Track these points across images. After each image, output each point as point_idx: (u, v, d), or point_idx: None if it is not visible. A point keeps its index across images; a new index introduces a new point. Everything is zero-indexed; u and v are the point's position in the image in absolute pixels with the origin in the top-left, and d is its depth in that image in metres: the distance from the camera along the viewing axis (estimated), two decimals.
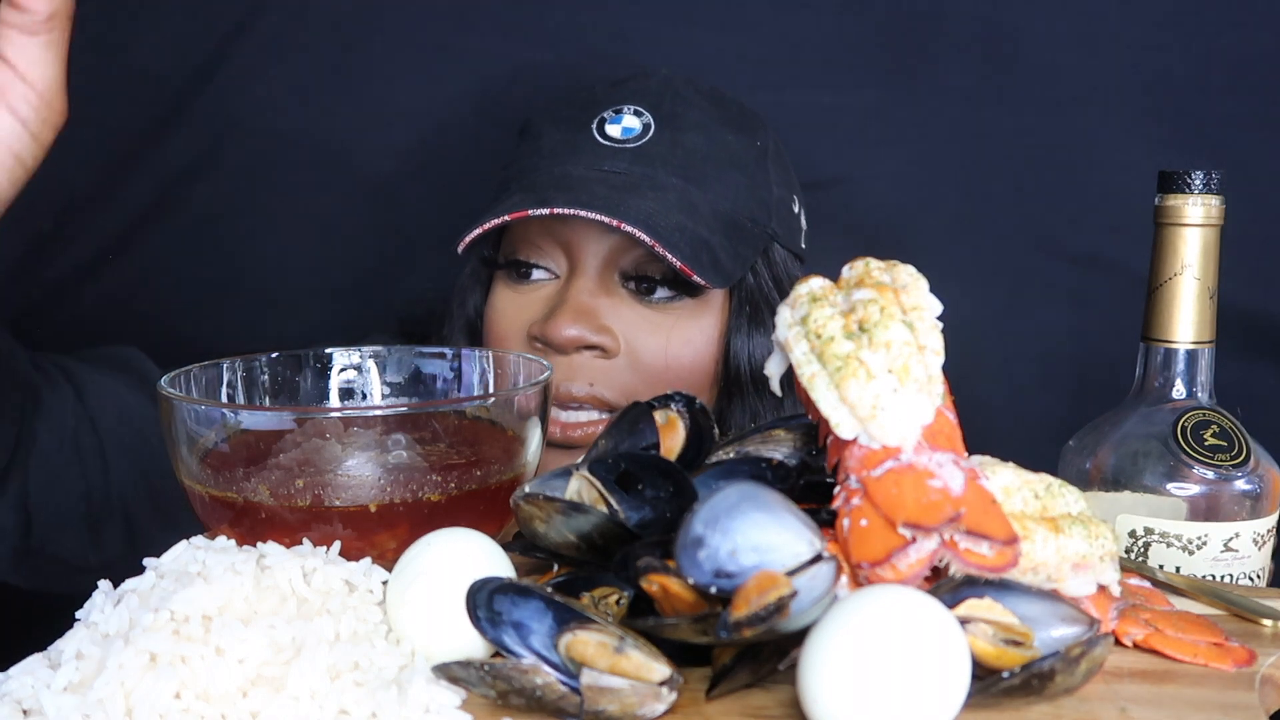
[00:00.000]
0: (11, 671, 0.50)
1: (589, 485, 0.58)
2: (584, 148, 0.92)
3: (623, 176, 0.90)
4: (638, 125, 0.92)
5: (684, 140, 0.93)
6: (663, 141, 0.92)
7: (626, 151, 0.92)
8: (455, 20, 1.19)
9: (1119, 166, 1.12)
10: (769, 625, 0.45)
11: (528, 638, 0.50)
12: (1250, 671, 0.53)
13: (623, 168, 0.91)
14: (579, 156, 0.92)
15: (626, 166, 0.91)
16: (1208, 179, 0.71)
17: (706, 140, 0.93)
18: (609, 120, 0.93)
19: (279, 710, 0.48)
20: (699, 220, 0.90)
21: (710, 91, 0.98)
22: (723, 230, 0.91)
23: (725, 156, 0.94)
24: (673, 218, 0.88)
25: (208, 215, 1.22)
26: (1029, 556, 0.51)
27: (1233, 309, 0.78)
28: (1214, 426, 0.72)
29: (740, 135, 0.96)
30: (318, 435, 0.63)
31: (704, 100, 0.96)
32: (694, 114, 0.94)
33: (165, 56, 1.20)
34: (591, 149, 0.92)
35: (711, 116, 0.95)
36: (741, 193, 0.94)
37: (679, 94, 0.95)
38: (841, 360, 0.54)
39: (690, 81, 0.98)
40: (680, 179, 0.91)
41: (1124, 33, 1.13)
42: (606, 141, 0.92)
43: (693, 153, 0.93)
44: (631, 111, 0.93)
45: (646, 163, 0.91)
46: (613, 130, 0.92)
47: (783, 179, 0.99)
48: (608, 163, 0.91)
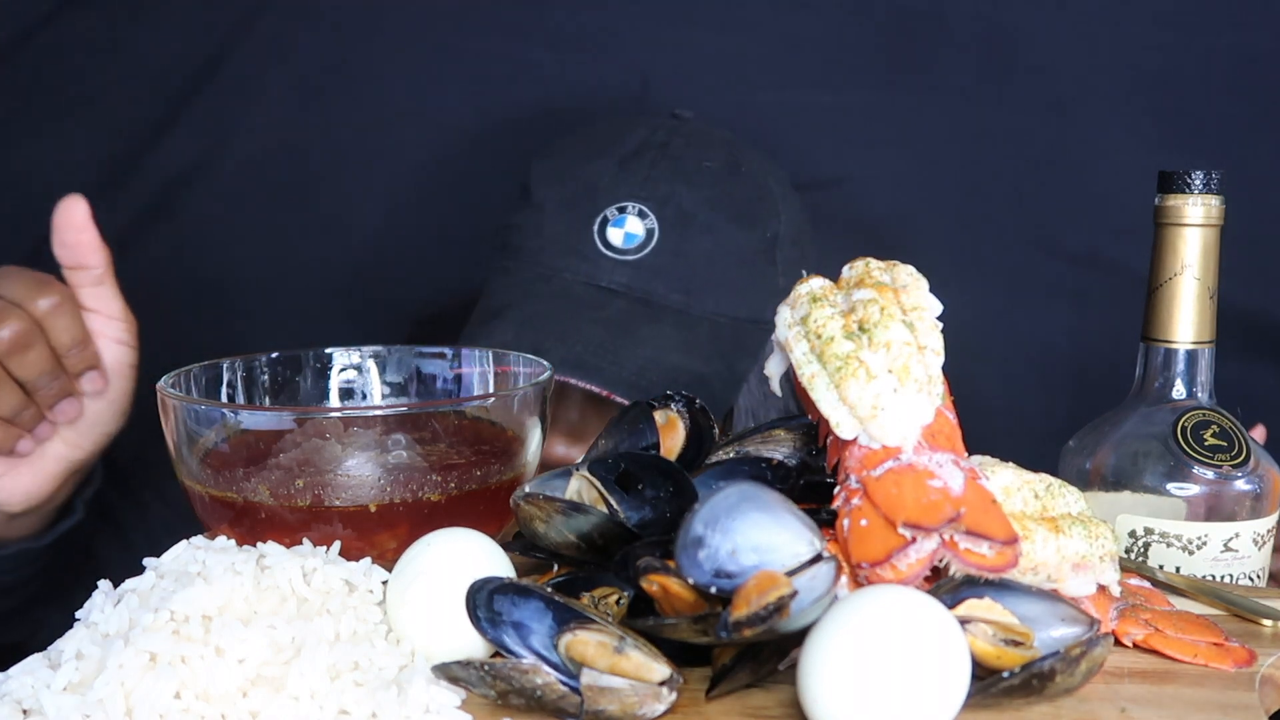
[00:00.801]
0: (11, 671, 0.50)
1: (589, 485, 0.58)
2: (585, 254, 0.90)
3: (620, 304, 0.89)
4: (641, 232, 0.90)
5: (689, 248, 0.90)
6: (665, 250, 0.90)
7: (627, 266, 0.90)
8: (455, 20, 1.19)
9: (1119, 166, 1.12)
10: (769, 625, 0.45)
11: (528, 638, 0.50)
12: (1250, 671, 0.53)
13: (623, 284, 0.89)
14: (579, 265, 0.90)
15: (627, 283, 0.89)
16: (1208, 179, 0.70)
17: (714, 244, 0.91)
18: (612, 222, 0.90)
19: (279, 710, 0.48)
20: (695, 352, 0.88)
21: (727, 161, 0.94)
22: (720, 352, 0.90)
23: (732, 259, 0.91)
24: (668, 360, 0.87)
25: (208, 215, 1.22)
26: (1029, 556, 0.51)
27: (1233, 309, 0.78)
28: (1214, 426, 0.72)
29: (750, 230, 0.93)
30: (318, 435, 0.63)
31: (717, 185, 0.92)
32: (703, 213, 0.91)
33: (165, 56, 1.19)
34: (591, 258, 0.90)
35: (721, 210, 0.92)
36: (745, 295, 0.92)
37: (689, 177, 0.92)
38: (841, 360, 0.54)
39: (705, 142, 0.95)
40: (681, 294, 0.90)
41: (1124, 33, 1.13)
42: (607, 251, 0.90)
43: (696, 263, 0.90)
44: (635, 212, 0.90)
45: (648, 277, 0.89)
46: (614, 236, 0.90)
47: (791, 261, 0.95)
48: (605, 277, 0.89)
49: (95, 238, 0.77)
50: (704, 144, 0.95)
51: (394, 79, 1.20)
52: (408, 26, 1.19)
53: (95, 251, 0.78)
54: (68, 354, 0.78)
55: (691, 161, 0.93)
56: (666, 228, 0.90)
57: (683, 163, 0.92)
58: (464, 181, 1.15)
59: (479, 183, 1.20)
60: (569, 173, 0.94)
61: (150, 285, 1.23)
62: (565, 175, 0.94)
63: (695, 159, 0.93)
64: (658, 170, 0.92)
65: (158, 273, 1.22)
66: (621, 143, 0.94)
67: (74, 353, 0.78)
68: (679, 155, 0.93)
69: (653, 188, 0.91)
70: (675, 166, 0.92)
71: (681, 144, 0.94)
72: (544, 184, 0.95)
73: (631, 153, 0.93)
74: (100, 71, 1.18)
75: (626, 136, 0.95)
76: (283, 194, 1.22)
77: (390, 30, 1.19)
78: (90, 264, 0.78)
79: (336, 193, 1.23)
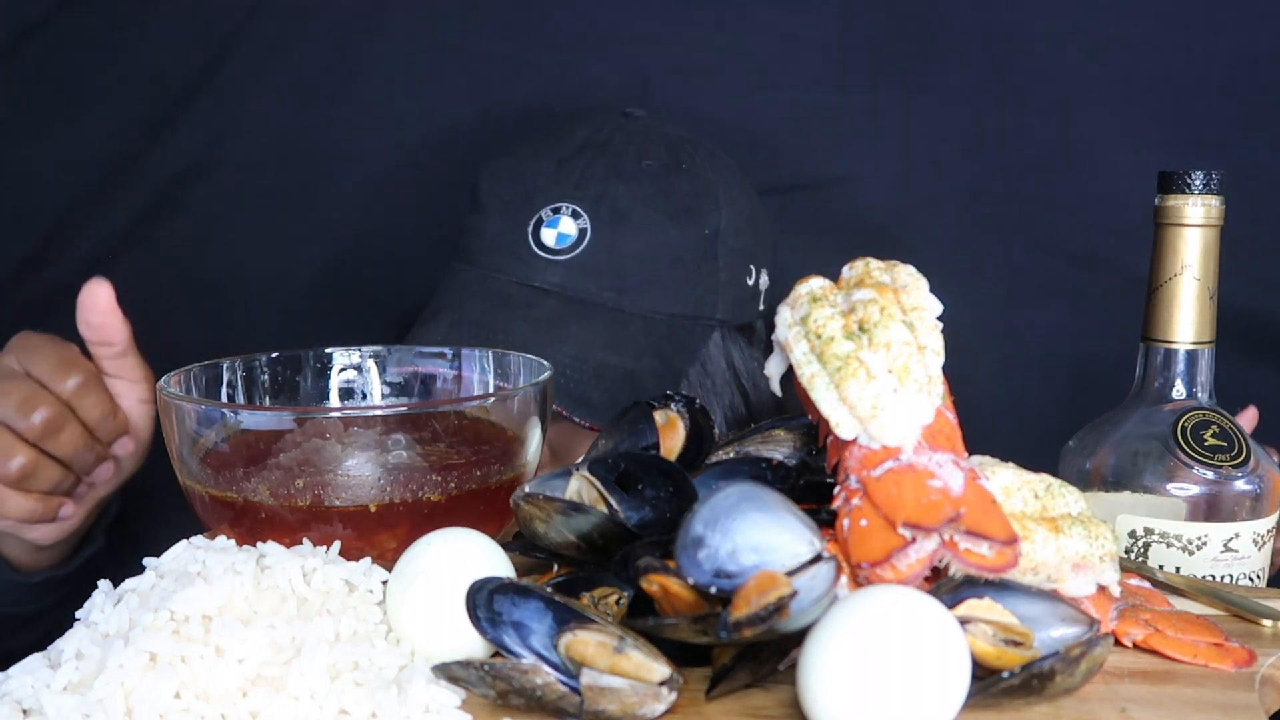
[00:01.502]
0: (11, 671, 0.50)
1: (589, 485, 0.58)
2: (519, 255, 0.91)
3: (551, 303, 0.89)
4: (574, 231, 0.90)
5: (621, 246, 0.90)
6: (599, 250, 0.90)
7: (559, 265, 0.90)
8: (456, 20, 1.19)
9: (1119, 166, 1.12)
10: (769, 625, 0.45)
11: (528, 638, 0.50)
12: (1250, 671, 0.53)
13: (555, 283, 0.90)
14: (513, 267, 0.91)
15: (559, 282, 0.90)
16: (1208, 179, 0.70)
17: (648, 241, 0.91)
18: (546, 223, 0.91)
19: (279, 710, 0.48)
20: (625, 349, 0.89)
21: (668, 158, 0.94)
22: (654, 349, 0.90)
23: (667, 256, 0.91)
24: (595, 356, 0.87)
25: (208, 215, 1.22)
26: (1029, 556, 0.51)
27: (1233, 309, 0.78)
28: (1214, 426, 0.72)
29: (687, 226, 0.92)
30: (318, 435, 0.63)
31: (655, 182, 0.92)
32: (638, 210, 0.91)
33: (165, 56, 1.19)
34: (526, 259, 0.91)
35: (657, 207, 0.91)
36: (682, 291, 0.92)
37: (628, 174, 0.92)
38: (841, 360, 0.54)
39: (647, 140, 0.95)
40: (613, 292, 0.90)
41: (1124, 33, 1.13)
42: (541, 251, 0.90)
43: (629, 261, 0.90)
44: (569, 213, 0.90)
45: (579, 277, 0.90)
46: (548, 236, 0.90)
47: (735, 257, 0.95)
48: (539, 277, 0.90)
49: (119, 319, 0.79)
50: (646, 141, 0.95)
51: (393, 79, 1.20)
52: (407, 26, 1.19)
53: (119, 330, 0.79)
54: (98, 426, 0.80)
55: (630, 160, 0.93)
56: (600, 226, 0.90)
57: (621, 161, 0.93)
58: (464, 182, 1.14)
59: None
60: (510, 175, 0.95)
61: (150, 285, 1.23)
62: (506, 177, 0.95)
63: (635, 157, 0.93)
64: (593, 169, 0.92)
65: (158, 273, 1.22)
66: (563, 143, 0.95)
67: (104, 424, 0.80)
68: (619, 153, 0.93)
69: (587, 187, 0.92)
70: (612, 165, 0.93)
71: (622, 141, 0.94)
72: (488, 186, 0.96)
73: (571, 153, 0.94)
74: (100, 71, 1.18)
75: (569, 137, 0.96)
76: (282, 194, 1.22)
77: (389, 30, 1.19)
78: (115, 341, 0.79)
79: (336, 193, 1.23)
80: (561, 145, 0.95)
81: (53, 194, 1.20)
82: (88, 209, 1.21)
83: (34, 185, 1.20)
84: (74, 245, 1.22)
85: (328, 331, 1.09)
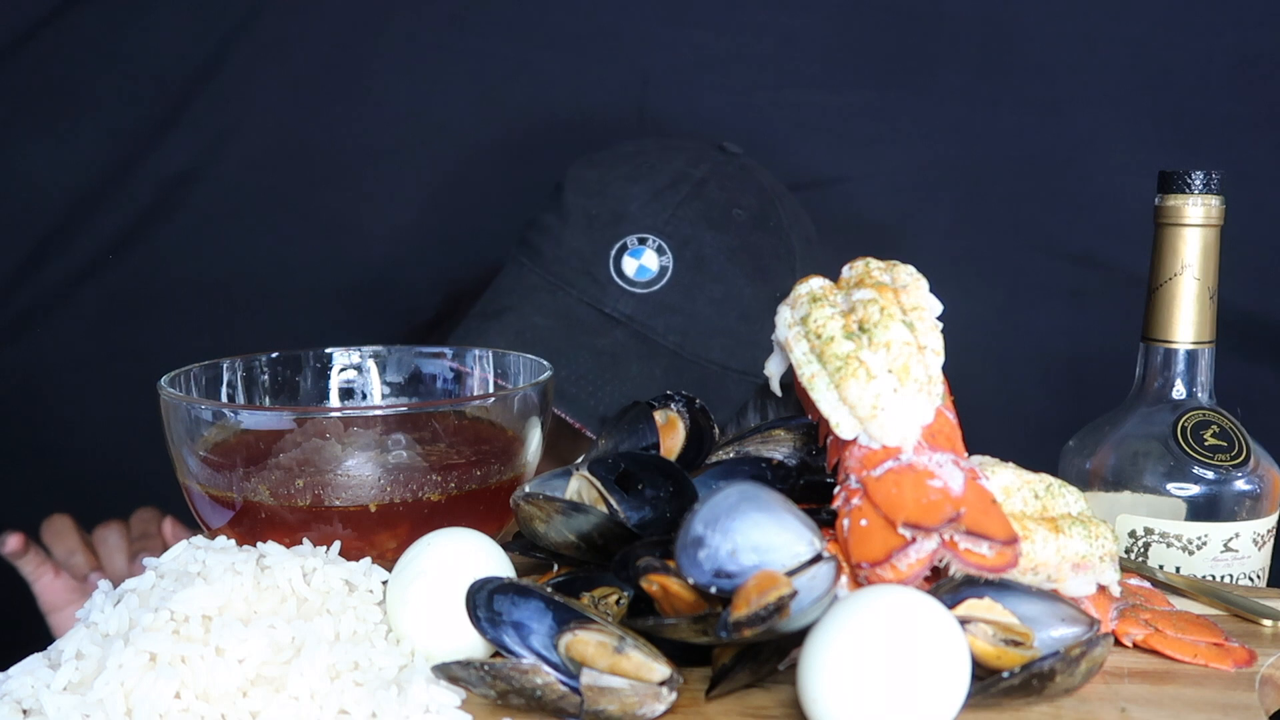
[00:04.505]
0: (11, 671, 0.50)
1: (589, 485, 0.58)
2: (595, 276, 0.91)
3: (619, 335, 0.89)
4: (655, 267, 0.90)
5: (697, 293, 0.91)
6: (676, 291, 0.90)
7: (633, 297, 0.90)
8: (455, 20, 1.19)
9: (1119, 166, 1.12)
10: (769, 625, 0.45)
11: (528, 638, 0.50)
12: (1250, 671, 0.53)
13: (626, 314, 0.90)
14: (585, 286, 0.91)
15: (630, 314, 0.90)
16: (1208, 179, 0.70)
17: (723, 294, 0.91)
18: (630, 251, 0.91)
19: (279, 710, 0.48)
20: None
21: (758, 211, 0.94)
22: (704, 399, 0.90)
23: (737, 311, 0.92)
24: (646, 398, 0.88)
25: (208, 215, 1.22)
26: (1029, 556, 0.51)
27: (1233, 309, 0.78)
28: (1214, 426, 0.72)
29: (761, 286, 0.92)
30: (318, 435, 0.63)
31: (741, 235, 0.92)
32: (720, 262, 0.91)
33: (165, 56, 1.19)
34: (602, 282, 0.91)
35: (739, 262, 0.92)
36: (742, 347, 0.92)
37: (718, 223, 0.92)
38: (841, 360, 0.54)
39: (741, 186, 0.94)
40: (679, 335, 0.90)
41: (1124, 33, 1.13)
42: (618, 279, 0.90)
43: (701, 308, 0.91)
44: (654, 247, 0.91)
45: (651, 313, 0.90)
46: (629, 266, 0.90)
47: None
48: (611, 304, 0.90)
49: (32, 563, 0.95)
50: (740, 188, 0.95)
51: (393, 79, 1.20)
52: (407, 26, 1.19)
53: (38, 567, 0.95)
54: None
55: (722, 206, 0.93)
56: (682, 268, 0.91)
57: (714, 205, 0.93)
58: (463, 182, 1.15)
59: (478, 183, 1.20)
60: (599, 190, 0.94)
61: (150, 285, 1.23)
62: (598, 191, 0.94)
63: (727, 204, 0.93)
64: (686, 209, 0.92)
65: (158, 273, 1.22)
66: (658, 172, 0.94)
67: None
68: (713, 199, 0.93)
69: (677, 226, 0.91)
70: (704, 208, 0.92)
71: (716, 186, 0.94)
72: (577, 193, 0.95)
73: (665, 185, 0.93)
74: (100, 72, 1.18)
75: (663, 166, 0.95)
76: (282, 194, 1.22)
77: (390, 30, 1.19)
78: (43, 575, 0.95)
79: (336, 193, 1.23)
80: (656, 174, 0.94)
81: (52, 194, 1.20)
82: (87, 209, 1.21)
83: (34, 186, 1.20)
84: (74, 245, 1.22)
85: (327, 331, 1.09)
